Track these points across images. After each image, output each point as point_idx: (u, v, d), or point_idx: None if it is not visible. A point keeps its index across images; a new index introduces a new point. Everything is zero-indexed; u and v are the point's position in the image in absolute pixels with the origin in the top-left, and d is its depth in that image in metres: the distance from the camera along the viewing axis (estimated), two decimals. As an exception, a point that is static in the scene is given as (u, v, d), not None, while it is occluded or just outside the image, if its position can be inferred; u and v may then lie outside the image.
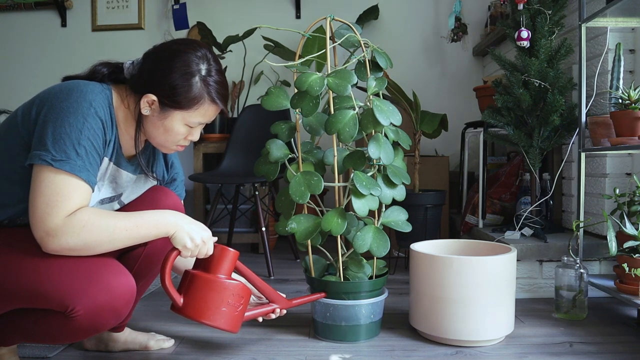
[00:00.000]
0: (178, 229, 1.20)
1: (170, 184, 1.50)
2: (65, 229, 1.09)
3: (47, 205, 1.09)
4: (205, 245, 1.25)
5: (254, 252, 3.10)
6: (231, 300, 1.27)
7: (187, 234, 1.21)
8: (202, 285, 1.25)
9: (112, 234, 1.13)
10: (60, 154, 1.10)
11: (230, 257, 1.29)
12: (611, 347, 1.53)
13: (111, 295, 1.13)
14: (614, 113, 1.77)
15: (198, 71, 1.22)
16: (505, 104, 2.17)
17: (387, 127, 1.56)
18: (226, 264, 1.28)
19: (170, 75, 1.20)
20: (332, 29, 1.60)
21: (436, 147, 3.45)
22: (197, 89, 1.22)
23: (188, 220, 1.24)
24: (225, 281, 1.27)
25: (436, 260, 1.55)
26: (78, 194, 1.12)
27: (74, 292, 1.10)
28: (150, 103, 1.23)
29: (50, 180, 1.10)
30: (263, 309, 1.43)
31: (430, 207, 2.36)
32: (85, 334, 1.17)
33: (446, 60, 3.60)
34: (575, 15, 2.24)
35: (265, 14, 3.61)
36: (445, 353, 1.50)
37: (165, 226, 1.19)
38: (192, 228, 1.22)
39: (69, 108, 1.13)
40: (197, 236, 1.22)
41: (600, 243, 2.02)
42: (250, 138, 2.91)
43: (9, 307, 1.17)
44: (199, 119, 1.26)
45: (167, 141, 1.28)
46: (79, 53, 3.68)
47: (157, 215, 1.20)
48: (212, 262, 1.28)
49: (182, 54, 1.22)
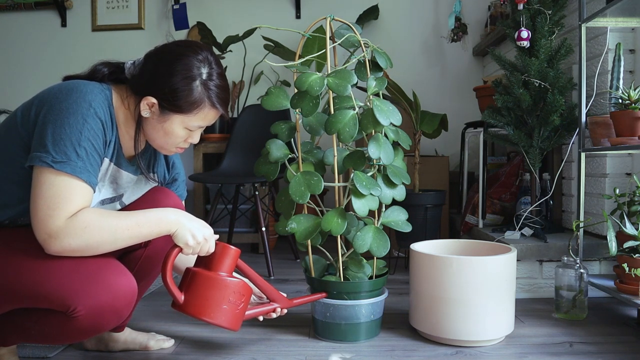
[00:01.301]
0: (180, 226, 1.20)
1: (171, 184, 1.50)
2: (67, 231, 1.09)
3: (48, 208, 1.09)
4: (207, 242, 1.25)
5: (254, 252, 3.10)
6: (232, 298, 1.26)
7: (188, 231, 1.21)
8: (203, 283, 1.25)
9: (114, 233, 1.13)
10: (60, 155, 1.10)
11: (231, 254, 1.29)
12: (611, 347, 1.53)
13: (112, 296, 1.13)
14: (614, 113, 1.77)
15: (199, 75, 1.21)
16: (505, 104, 2.17)
17: (387, 127, 1.56)
18: (227, 261, 1.28)
19: (171, 78, 1.20)
20: (332, 29, 1.60)
21: (436, 147, 3.45)
22: (197, 93, 1.21)
23: (190, 217, 1.24)
24: (226, 279, 1.26)
25: (436, 260, 1.55)
26: (79, 196, 1.12)
27: (75, 292, 1.10)
28: (150, 106, 1.22)
29: (51, 182, 1.10)
30: (264, 308, 1.43)
31: (430, 207, 2.36)
32: (87, 334, 1.17)
33: (446, 60, 3.60)
34: (575, 15, 2.24)
35: (265, 14, 3.61)
36: (445, 353, 1.50)
37: (167, 224, 1.19)
38: (193, 225, 1.22)
39: (69, 109, 1.13)
40: (199, 233, 1.22)
41: (600, 243, 2.02)
42: (250, 138, 2.91)
43: (10, 307, 1.17)
44: (198, 123, 1.26)
45: (166, 144, 1.28)
46: (79, 53, 3.68)
47: (159, 213, 1.20)
48: (213, 259, 1.28)
49: (183, 57, 1.21)
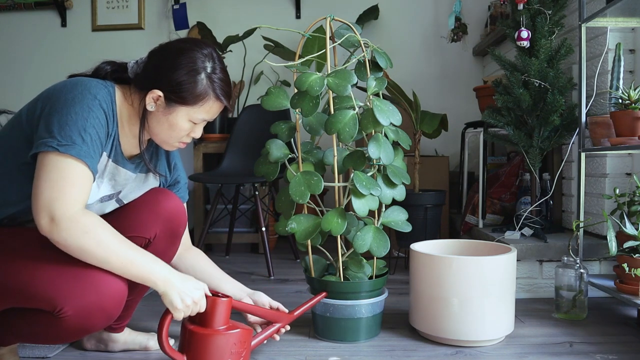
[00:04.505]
0: (169, 287, 1.18)
1: (173, 186, 1.50)
2: (69, 225, 1.09)
3: (52, 189, 1.09)
4: (197, 305, 1.22)
5: (254, 252, 3.10)
6: (234, 349, 1.25)
7: (177, 294, 1.18)
8: (202, 342, 1.23)
9: (107, 256, 1.12)
10: (66, 139, 1.11)
11: (223, 307, 1.26)
12: (611, 347, 1.53)
13: (100, 296, 1.13)
14: (614, 113, 1.77)
15: (204, 68, 1.24)
16: (505, 104, 2.17)
17: (387, 127, 1.56)
18: (221, 315, 1.26)
19: (177, 71, 1.22)
20: (332, 29, 1.60)
21: (436, 147, 3.45)
22: (202, 86, 1.24)
23: (181, 278, 1.21)
24: (224, 334, 1.24)
25: (436, 260, 1.55)
26: (82, 181, 1.13)
27: (63, 293, 1.10)
28: (156, 99, 1.24)
29: (54, 164, 1.10)
30: (267, 333, 1.41)
31: (430, 207, 2.36)
32: (75, 334, 1.16)
33: (446, 60, 3.60)
34: (575, 15, 2.24)
35: (265, 14, 3.61)
36: (445, 353, 1.50)
37: (157, 278, 1.17)
38: (184, 287, 1.19)
39: (74, 99, 1.15)
40: (188, 298, 1.19)
41: (600, 243, 2.02)
42: (250, 138, 2.91)
43: (1, 307, 1.17)
44: (203, 116, 1.28)
45: (170, 137, 1.29)
46: (79, 53, 3.68)
47: (155, 263, 1.18)
48: (207, 316, 1.25)
49: (188, 51, 1.25)
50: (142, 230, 1.32)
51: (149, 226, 1.33)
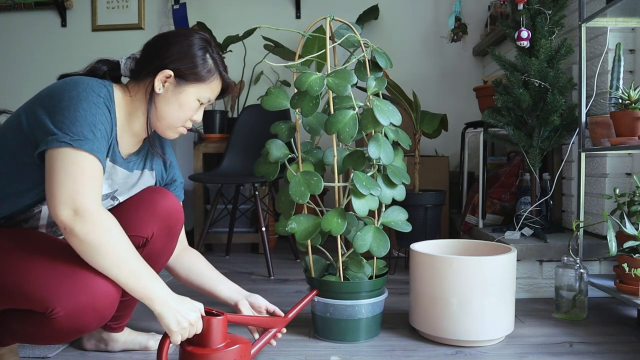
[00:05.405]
0: (165, 307, 1.16)
1: (169, 185, 1.50)
2: (93, 219, 1.08)
3: (74, 183, 1.09)
4: (193, 327, 1.20)
5: (254, 252, 3.10)
6: None
7: (173, 316, 1.17)
8: None
9: (119, 262, 1.11)
10: (78, 134, 1.11)
11: (219, 325, 1.25)
12: (611, 347, 1.53)
13: (92, 296, 1.11)
14: (614, 113, 1.77)
15: (207, 48, 1.31)
16: (505, 104, 2.17)
17: (387, 127, 1.56)
18: (218, 333, 1.25)
19: (191, 48, 1.28)
20: (332, 29, 1.60)
21: (436, 147, 3.45)
22: (211, 63, 1.30)
23: (178, 300, 1.20)
24: (222, 352, 1.24)
25: (436, 260, 1.55)
26: (98, 176, 1.13)
27: (54, 293, 1.09)
28: (165, 79, 1.26)
29: (70, 158, 1.10)
30: (264, 340, 1.41)
31: (430, 207, 2.36)
32: (69, 335, 1.15)
33: (446, 60, 3.60)
34: (575, 15, 2.24)
35: (265, 14, 3.61)
36: (445, 353, 1.50)
37: (154, 298, 1.16)
38: (180, 309, 1.18)
39: (79, 96, 1.15)
40: (184, 320, 1.18)
41: (600, 243, 2.02)
42: (250, 138, 2.91)
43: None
44: (209, 94, 1.32)
45: (178, 119, 1.31)
46: (79, 53, 3.68)
47: (155, 283, 1.17)
48: (204, 337, 1.24)
49: (190, 35, 1.31)
50: (139, 230, 1.32)
51: (146, 225, 1.33)
